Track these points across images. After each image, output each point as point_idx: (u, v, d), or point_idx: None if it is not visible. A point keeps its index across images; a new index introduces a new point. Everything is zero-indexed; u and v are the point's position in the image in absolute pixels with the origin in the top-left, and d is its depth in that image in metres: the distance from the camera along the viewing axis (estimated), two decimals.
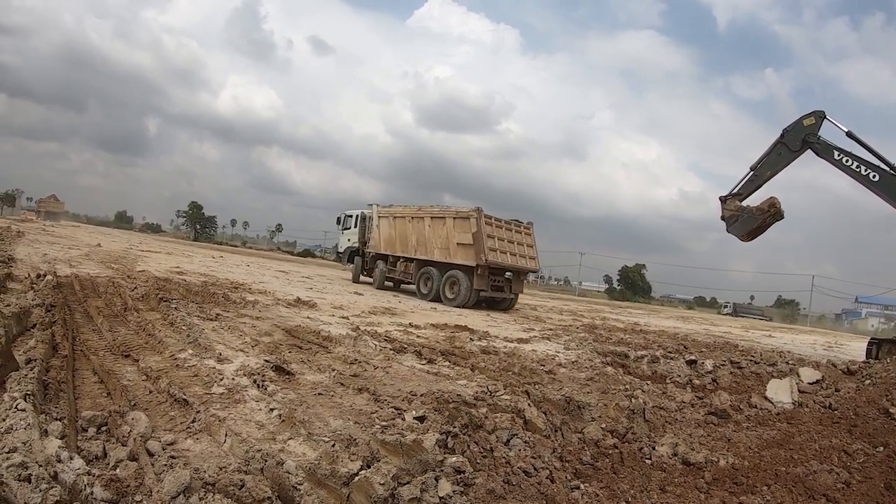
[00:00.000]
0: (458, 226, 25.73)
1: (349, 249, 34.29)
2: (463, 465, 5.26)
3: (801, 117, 19.55)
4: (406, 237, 28.52)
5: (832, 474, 6.73)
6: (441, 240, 26.56)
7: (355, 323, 13.65)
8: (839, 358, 16.36)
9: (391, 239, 29.65)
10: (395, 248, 29.37)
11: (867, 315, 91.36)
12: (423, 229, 27.54)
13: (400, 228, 29.11)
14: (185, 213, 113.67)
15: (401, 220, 29.15)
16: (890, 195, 18.07)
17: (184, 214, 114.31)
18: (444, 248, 26.37)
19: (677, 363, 12.95)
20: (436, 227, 26.96)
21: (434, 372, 9.28)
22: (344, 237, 35.40)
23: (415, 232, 28.05)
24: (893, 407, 8.92)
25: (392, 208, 30.55)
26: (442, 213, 26.98)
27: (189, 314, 11.13)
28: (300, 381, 7.59)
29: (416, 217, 28.13)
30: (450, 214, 26.48)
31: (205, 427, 5.53)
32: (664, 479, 6.52)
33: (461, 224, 25.58)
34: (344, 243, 35.37)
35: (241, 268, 31.55)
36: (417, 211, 28.38)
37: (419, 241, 27.76)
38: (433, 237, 27.00)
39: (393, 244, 29.52)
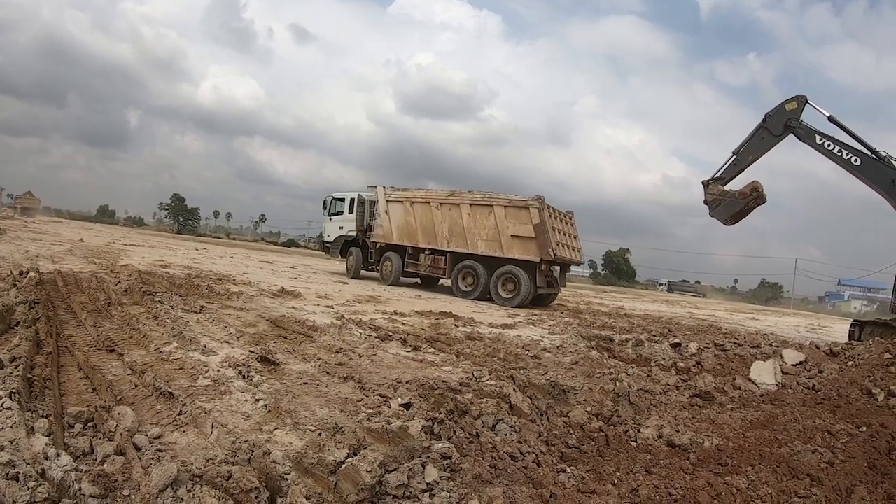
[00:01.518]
0: (513, 216, 23.14)
1: (342, 239, 29.49)
2: (449, 450, 5.29)
3: (784, 102, 19.72)
4: (432, 226, 25.40)
5: (816, 454, 6.78)
6: (487, 231, 23.79)
7: (340, 312, 13.64)
8: (822, 340, 16.49)
9: (409, 227, 26.21)
10: (415, 239, 26.00)
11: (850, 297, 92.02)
12: (459, 218, 24.56)
13: (423, 216, 25.81)
14: (168, 205, 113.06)
15: (423, 206, 25.89)
16: (871, 179, 18.29)
17: (166, 207, 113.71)
18: (493, 241, 23.63)
19: (662, 346, 13.02)
20: (478, 217, 24.13)
21: (419, 359, 9.31)
22: (332, 224, 30.28)
23: (446, 220, 25.02)
24: (876, 388, 9.00)
25: (409, 192, 27.04)
26: (487, 201, 23.94)
27: (173, 307, 11.10)
28: (286, 371, 7.60)
29: (448, 203, 25.06)
30: (499, 202, 23.56)
31: (191, 419, 5.54)
32: (650, 461, 6.57)
33: (516, 214, 23.05)
34: (333, 231, 30.12)
35: (224, 259, 31.31)
36: (449, 196, 25.24)
37: (453, 232, 24.78)
38: (475, 227, 24.14)
39: (413, 234, 26.10)
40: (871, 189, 18.54)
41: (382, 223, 27.19)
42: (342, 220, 29.64)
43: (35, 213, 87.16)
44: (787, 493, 5.80)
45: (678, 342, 13.22)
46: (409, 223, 26.31)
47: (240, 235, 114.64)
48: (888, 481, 6.24)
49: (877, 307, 68.62)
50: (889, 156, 18.21)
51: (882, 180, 18.13)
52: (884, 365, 9.86)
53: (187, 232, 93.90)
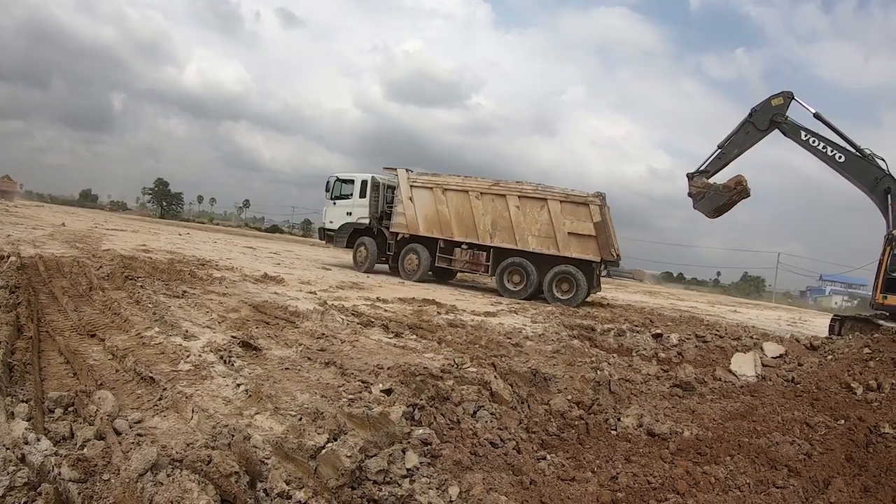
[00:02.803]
0: (570, 212, 21.76)
1: (349, 227, 26.07)
2: (430, 436, 5.32)
3: (770, 97, 19.88)
4: (471, 217, 23.27)
5: (794, 446, 6.86)
6: (540, 226, 22.13)
7: (323, 298, 13.66)
8: (803, 333, 16.61)
9: (442, 218, 23.78)
10: (449, 231, 23.68)
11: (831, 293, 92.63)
12: (506, 210, 22.67)
13: (459, 205, 23.61)
14: (151, 190, 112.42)
15: (459, 195, 23.65)
16: (855, 177, 18.51)
17: (150, 192, 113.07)
18: (546, 237, 22.05)
19: (643, 337, 13.14)
20: (529, 210, 22.38)
21: (401, 345, 9.36)
22: (337, 209, 26.54)
23: (489, 212, 23.02)
24: (855, 382, 9.12)
25: (440, 177, 24.41)
26: (540, 194, 22.28)
27: (155, 292, 11.08)
28: (267, 356, 7.61)
29: (491, 194, 23.08)
30: (554, 196, 21.97)
31: (172, 404, 5.55)
32: (629, 449, 6.62)
33: (574, 210, 21.71)
34: (338, 217, 26.44)
35: (207, 245, 31.05)
36: (493, 186, 23.16)
37: (498, 225, 22.84)
38: (525, 222, 22.36)
39: (446, 225, 23.73)
40: (855, 186, 18.75)
41: (405, 211, 24.44)
42: (349, 204, 26.11)
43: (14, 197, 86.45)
44: (765, 483, 5.86)
45: (660, 333, 13.34)
46: (440, 213, 23.84)
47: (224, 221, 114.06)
48: (865, 474, 6.31)
49: (857, 303, 69.13)
50: (873, 154, 18.42)
51: (865, 178, 18.32)
52: (863, 360, 9.99)
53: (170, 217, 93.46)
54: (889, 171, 18.13)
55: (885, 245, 17.39)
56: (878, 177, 18.10)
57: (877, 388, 8.84)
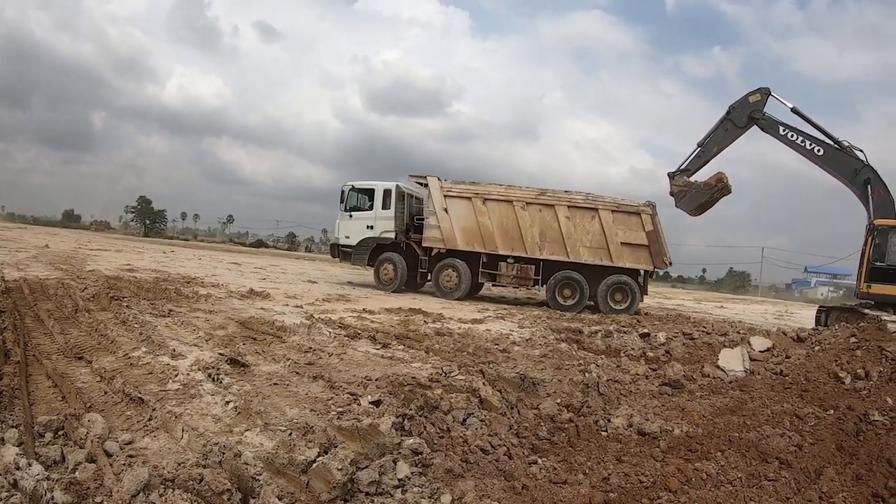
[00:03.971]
0: (622, 221, 21.29)
1: (371, 242, 23.47)
2: (420, 446, 5.35)
3: (747, 94, 20.15)
4: (517, 229, 21.86)
5: (784, 438, 6.90)
6: (592, 237, 21.44)
7: (309, 311, 13.62)
8: (789, 326, 16.72)
9: (484, 230, 22.10)
10: (493, 244, 22.09)
11: (817, 284, 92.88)
12: (555, 221, 21.63)
13: (503, 216, 22.05)
14: (134, 208, 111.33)
15: (502, 205, 22.11)
16: (834, 168, 18.82)
17: (132, 210, 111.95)
18: (600, 248, 21.40)
19: (631, 336, 13.17)
20: (580, 221, 21.55)
21: (389, 356, 9.34)
22: (354, 222, 23.86)
23: (536, 223, 21.79)
24: (843, 371, 9.18)
25: (479, 186, 22.65)
26: (591, 203, 21.50)
27: (141, 312, 11.04)
28: (255, 372, 7.59)
29: (538, 204, 21.88)
30: (605, 206, 21.35)
31: (161, 424, 5.55)
32: (620, 449, 6.65)
33: (625, 220, 21.29)
34: (356, 232, 23.77)
35: (192, 262, 30.79)
36: (540, 195, 21.97)
37: (547, 237, 21.72)
38: (577, 233, 21.50)
39: (488, 237, 22.09)
40: (835, 178, 18.97)
41: (440, 223, 22.35)
42: (370, 217, 23.61)
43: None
44: (757, 476, 5.89)
45: (647, 332, 13.36)
46: (482, 225, 22.12)
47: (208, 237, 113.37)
48: (856, 462, 6.35)
49: (843, 293, 69.43)
50: (851, 146, 18.69)
51: (845, 169, 18.60)
52: (850, 349, 10.05)
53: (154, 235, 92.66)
54: (868, 162, 18.41)
55: (866, 235, 17.58)
56: (857, 168, 18.38)
57: (864, 376, 8.92)
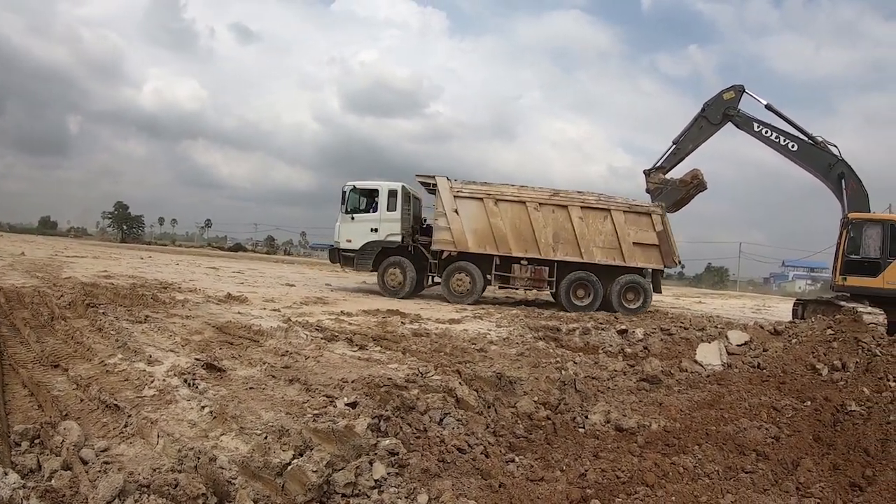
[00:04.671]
0: (633, 222, 21.35)
1: (376, 246, 22.35)
2: (396, 446, 5.37)
3: (721, 91, 20.55)
4: (530, 230, 21.51)
5: (762, 430, 6.98)
6: (605, 237, 21.37)
7: (287, 315, 13.56)
8: (767, 319, 16.87)
9: (496, 231, 21.54)
10: (506, 246, 21.55)
11: (794, 278, 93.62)
12: (568, 222, 21.43)
13: (515, 217, 21.64)
14: (111, 214, 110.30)
15: (515, 206, 21.67)
16: (808, 163, 19.25)
17: (109, 216, 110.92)
18: (612, 248, 21.37)
19: (608, 333, 13.23)
20: (592, 221, 21.44)
21: (365, 358, 9.34)
22: (357, 225, 22.67)
23: (549, 224, 21.51)
24: (819, 363, 9.31)
25: (491, 186, 22.04)
26: (603, 204, 21.43)
27: (118, 318, 10.97)
28: (231, 376, 7.57)
29: (552, 204, 21.61)
30: (618, 207, 21.33)
31: (137, 430, 5.54)
32: (597, 445, 6.69)
33: (637, 220, 21.35)
34: (359, 235, 22.55)
35: (170, 267, 30.54)
36: (553, 196, 21.71)
37: (560, 238, 21.46)
38: (590, 233, 21.38)
39: (501, 239, 21.55)
40: (810, 173, 19.28)
41: (451, 225, 21.59)
42: (374, 219, 22.57)
43: None
44: (734, 469, 5.96)
45: (625, 328, 13.45)
46: (494, 226, 21.55)
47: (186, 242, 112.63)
48: (834, 452, 6.44)
49: (820, 286, 70.16)
50: (825, 141, 19.09)
51: (819, 164, 19.00)
52: (826, 341, 10.17)
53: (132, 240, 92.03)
54: (841, 157, 18.79)
55: (841, 228, 17.84)
56: (831, 163, 18.76)
57: (841, 367, 9.05)
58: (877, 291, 17.16)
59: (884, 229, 17.16)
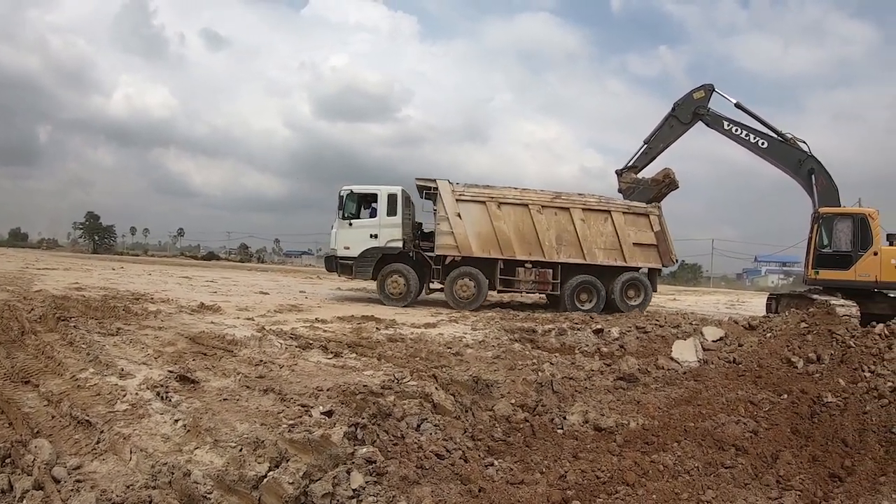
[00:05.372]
0: (632, 222, 21.27)
1: (376, 252, 21.26)
2: (374, 454, 5.33)
3: (691, 91, 20.82)
4: (534, 233, 21.13)
5: (739, 425, 7.02)
6: (606, 238, 21.24)
7: (261, 323, 13.40)
8: (741, 315, 16.97)
9: (500, 235, 21.02)
10: (510, 249, 21.09)
11: (767, 272, 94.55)
12: (570, 224, 21.19)
13: (519, 220, 21.22)
14: (82, 224, 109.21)
15: (518, 209, 21.23)
16: (779, 160, 19.60)
17: (80, 227, 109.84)
18: (613, 249, 21.28)
19: (584, 333, 13.23)
20: (594, 223, 21.28)
21: (341, 365, 9.25)
22: (356, 231, 21.56)
23: (552, 227, 21.20)
24: (795, 356, 9.38)
25: (493, 189, 21.53)
26: (603, 206, 21.28)
27: (89, 331, 10.83)
28: (205, 388, 7.48)
29: (554, 207, 21.28)
30: (617, 208, 21.22)
31: (110, 446, 5.47)
32: (576, 446, 6.69)
33: (635, 221, 21.30)
34: (357, 241, 21.43)
35: (142, 277, 30.06)
36: (555, 199, 21.39)
37: (563, 240, 21.22)
38: (591, 235, 21.23)
39: (505, 243, 21.05)
40: (780, 170, 19.52)
41: (454, 229, 20.89)
42: (374, 225, 21.54)
43: None
44: (714, 464, 5.98)
45: (600, 328, 13.45)
46: (498, 229, 21.03)
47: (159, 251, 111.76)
48: (812, 444, 6.49)
49: (792, 280, 70.87)
50: (795, 137, 19.39)
51: (789, 161, 19.30)
52: (800, 334, 10.24)
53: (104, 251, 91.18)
54: (811, 153, 19.09)
55: (812, 223, 18.08)
56: (801, 159, 19.05)
57: (816, 359, 9.14)
58: (849, 284, 17.45)
59: (854, 223, 17.46)
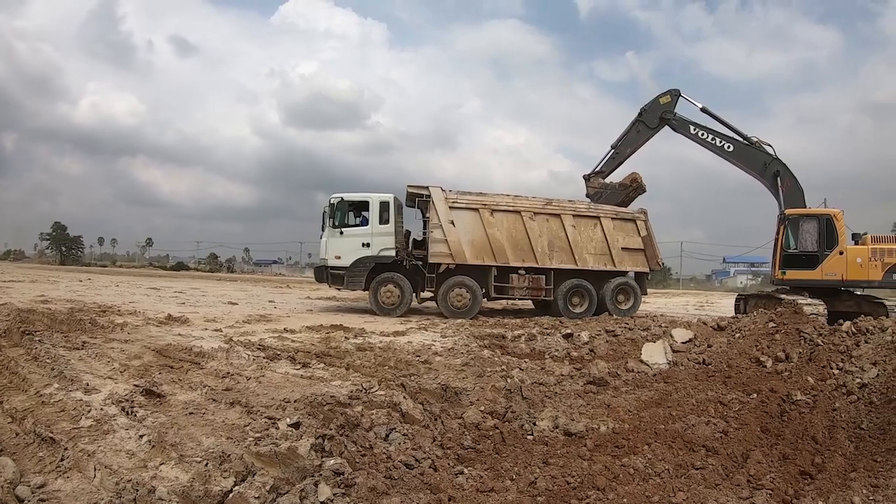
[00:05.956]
0: (620, 228, 21.77)
1: (369, 262, 20.93)
2: (342, 466, 5.29)
3: (658, 96, 21.17)
4: (526, 240, 21.30)
5: (710, 425, 7.06)
6: (596, 244, 21.64)
7: (228, 334, 13.28)
8: (710, 316, 17.14)
9: (494, 242, 21.09)
10: (504, 256, 21.18)
11: (735, 273, 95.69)
12: (562, 230, 21.48)
13: (511, 227, 21.33)
14: (49, 235, 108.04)
15: (510, 216, 21.37)
16: (745, 163, 20.04)
17: (47, 237, 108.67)
18: (603, 254, 21.68)
19: (554, 338, 13.31)
20: (584, 229, 21.61)
21: (308, 376, 9.20)
22: (347, 240, 21.15)
23: (545, 233, 21.44)
24: (763, 356, 9.50)
25: (486, 196, 21.62)
26: (593, 212, 21.62)
27: (54, 346, 10.69)
28: (171, 402, 7.40)
29: (545, 213, 21.52)
30: (606, 214, 21.59)
31: (74, 464, 5.39)
32: (546, 452, 6.67)
33: (623, 226, 21.82)
34: (349, 250, 21.04)
35: (110, 289, 29.79)
36: (546, 205, 21.63)
37: (555, 246, 21.48)
38: (582, 241, 21.56)
39: (499, 250, 21.13)
40: (746, 173, 19.83)
41: (447, 237, 20.80)
42: (366, 233, 21.22)
43: None
44: (684, 466, 5.99)
45: (570, 332, 13.52)
46: (492, 237, 21.09)
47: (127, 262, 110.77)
48: (782, 442, 6.53)
49: (760, 280, 71.73)
50: (760, 141, 19.80)
51: (755, 164, 19.72)
52: (769, 333, 10.36)
53: (71, 262, 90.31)
54: (776, 156, 19.46)
55: (778, 224, 18.35)
56: (767, 161, 19.43)
57: (785, 358, 9.26)
58: (816, 283, 17.77)
59: (820, 223, 17.81)
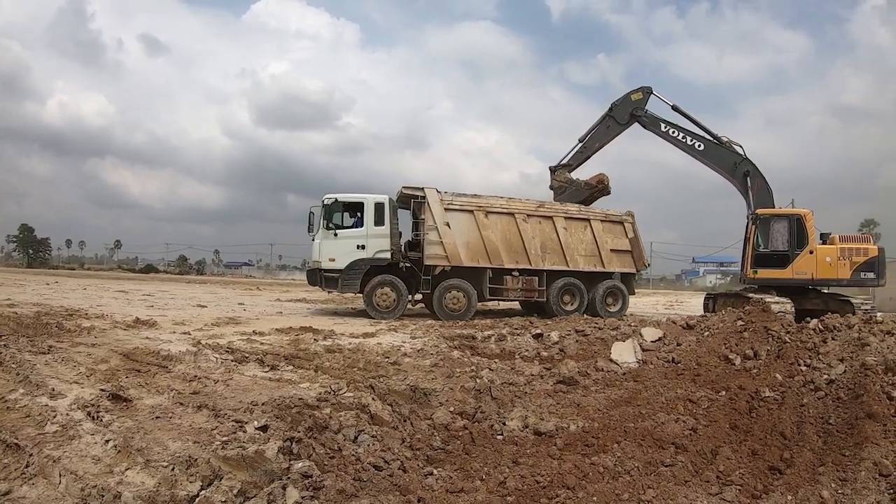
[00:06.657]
0: (609, 230, 22.10)
1: (364, 264, 20.49)
2: (310, 469, 5.27)
3: (629, 92, 21.30)
4: (520, 242, 21.32)
5: (679, 423, 7.10)
6: (586, 246, 21.87)
7: (197, 337, 13.20)
8: (679, 315, 17.20)
9: (489, 244, 21.03)
10: (498, 258, 21.12)
11: (705, 273, 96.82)
12: (553, 232, 21.58)
13: (506, 229, 21.29)
14: (16, 237, 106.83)
15: (504, 218, 21.33)
16: (715, 162, 20.24)
17: (14, 240, 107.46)
18: (593, 256, 21.92)
19: (524, 338, 13.32)
20: (575, 231, 21.82)
21: (277, 378, 9.13)
22: (341, 242, 20.65)
23: (537, 235, 21.50)
24: (732, 353, 9.59)
25: (481, 198, 21.52)
26: (583, 214, 21.87)
27: (20, 350, 10.56)
28: (138, 406, 7.31)
29: (538, 216, 21.57)
30: (595, 216, 21.95)
31: (39, 470, 5.33)
32: (516, 451, 6.70)
33: (612, 228, 22.17)
34: (343, 253, 20.53)
35: (77, 292, 29.52)
36: (539, 207, 21.73)
37: (547, 248, 21.56)
38: (573, 242, 21.75)
39: (494, 251, 21.08)
40: (716, 172, 19.98)
41: (443, 239, 20.59)
42: (361, 235, 20.71)
43: None
44: (654, 463, 6.03)
45: (540, 332, 13.54)
46: (486, 239, 21.00)
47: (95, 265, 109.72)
48: (751, 438, 6.59)
49: (730, 279, 72.45)
50: (730, 140, 19.91)
51: (725, 163, 19.90)
52: (737, 331, 10.47)
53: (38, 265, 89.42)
54: (746, 156, 19.55)
55: (749, 224, 18.52)
56: (737, 161, 19.65)
57: (753, 356, 9.37)
58: (787, 282, 18.01)
59: (790, 223, 18.07)
